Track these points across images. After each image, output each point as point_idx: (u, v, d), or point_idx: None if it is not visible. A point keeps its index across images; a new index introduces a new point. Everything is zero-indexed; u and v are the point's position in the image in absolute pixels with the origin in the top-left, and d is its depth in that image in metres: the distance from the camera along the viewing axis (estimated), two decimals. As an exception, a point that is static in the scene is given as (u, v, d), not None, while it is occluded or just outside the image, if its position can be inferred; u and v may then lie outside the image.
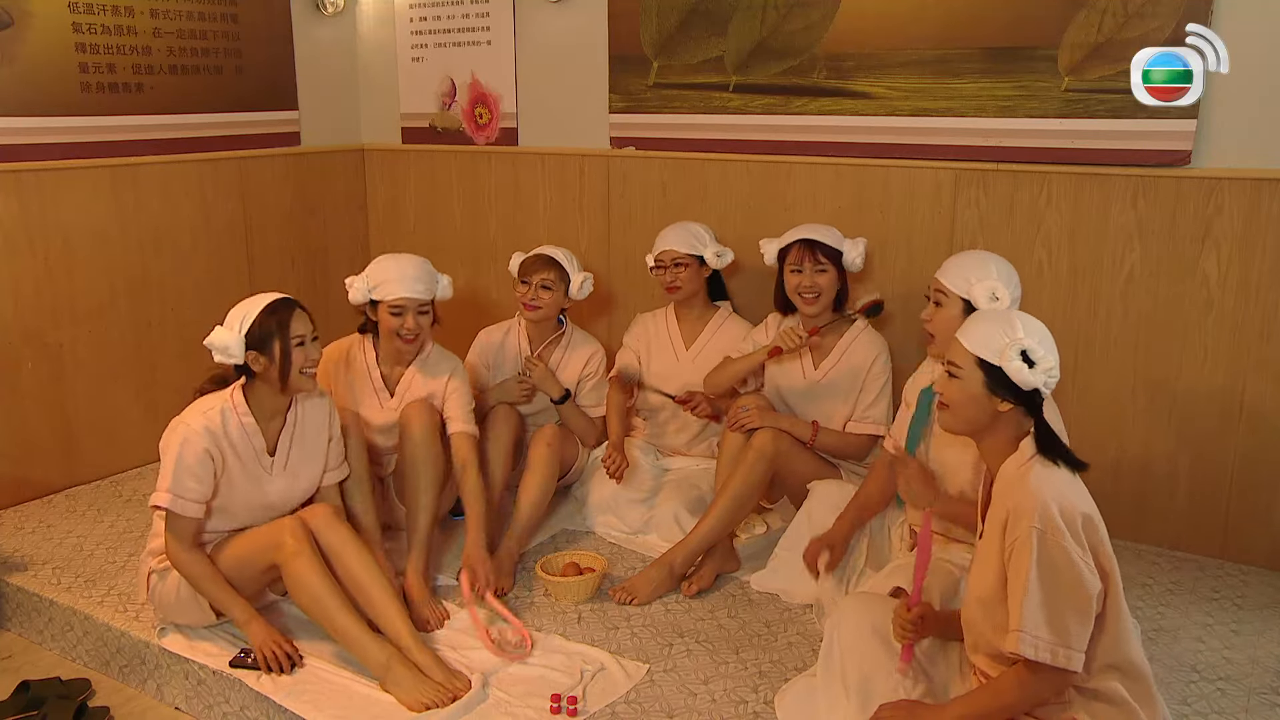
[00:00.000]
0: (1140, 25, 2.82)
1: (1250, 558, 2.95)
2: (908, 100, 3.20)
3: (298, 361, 2.44)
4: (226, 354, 2.41)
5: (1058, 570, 1.74)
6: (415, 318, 2.88)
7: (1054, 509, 1.75)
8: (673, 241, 3.23)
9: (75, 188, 3.45)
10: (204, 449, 2.39)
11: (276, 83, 4.07)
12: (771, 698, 2.29)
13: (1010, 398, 1.88)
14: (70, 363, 3.48)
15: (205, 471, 2.40)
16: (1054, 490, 1.78)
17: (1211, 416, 2.93)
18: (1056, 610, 1.74)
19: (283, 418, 2.55)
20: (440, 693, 2.27)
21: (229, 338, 2.41)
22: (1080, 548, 1.75)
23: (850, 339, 3.00)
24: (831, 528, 2.67)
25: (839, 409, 2.99)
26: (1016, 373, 1.84)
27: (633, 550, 3.05)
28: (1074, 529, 1.75)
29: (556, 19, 3.86)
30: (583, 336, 3.37)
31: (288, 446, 2.56)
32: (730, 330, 3.30)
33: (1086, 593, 1.74)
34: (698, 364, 3.28)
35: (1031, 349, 1.85)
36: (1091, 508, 1.81)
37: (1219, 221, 2.83)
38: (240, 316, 2.44)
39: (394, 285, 2.85)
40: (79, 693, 2.56)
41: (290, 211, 4.16)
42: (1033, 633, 1.74)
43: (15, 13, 3.22)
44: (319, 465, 2.62)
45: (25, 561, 2.98)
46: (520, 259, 3.28)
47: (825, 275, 2.94)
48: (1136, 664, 1.84)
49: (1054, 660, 1.74)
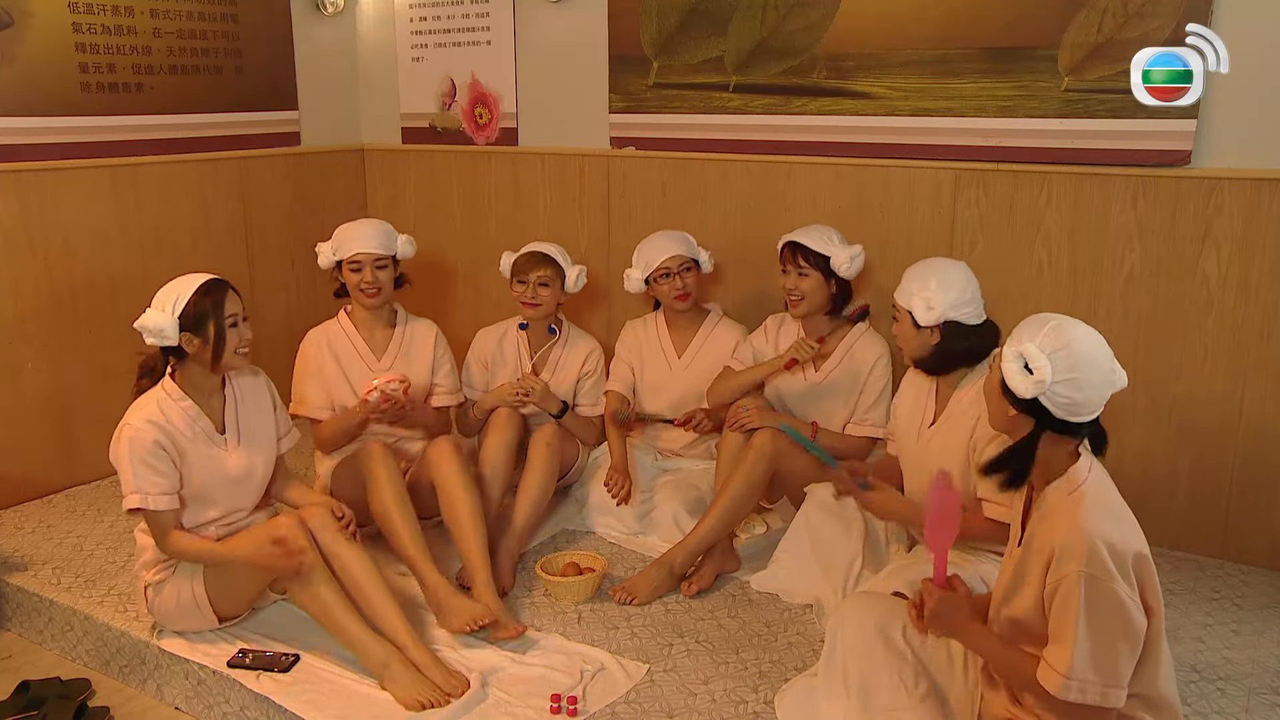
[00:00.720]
0: (1140, 25, 2.82)
1: (1250, 558, 2.95)
2: (908, 100, 3.20)
3: (232, 342, 2.44)
4: (160, 336, 2.38)
5: (1106, 615, 1.70)
6: (373, 271, 3.03)
7: (1103, 552, 1.69)
8: (675, 247, 3.19)
9: (75, 188, 3.45)
10: (153, 440, 2.37)
11: (276, 83, 4.07)
12: (771, 698, 2.29)
13: (1013, 403, 1.82)
14: (70, 363, 3.48)
15: (162, 463, 2.38)
16: (1104, 529, 1.72)
17: (1211, 417, 2.93)
18: (1103, 652, 1.70)
19: (221, 394, 2.54)
20: (437, 693, 2.27)
21: (162, 320, 2.38)
22: (1130, 587, 1.70)
23: (852, 341, 3.00)
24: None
25: (838, 411, 2.99)
26: (1010, 374, 1.79)
27: (633, 550, 3.04)
28: (1124, 569, 1.70)
29: (556, 19, 3.86)
30: (579, 334, 3.37)
31: (235, 420, 2.55)
32: (722, 336, 3.28)
33: (1135, 631, 1.71)
34: (690, 373, 3.27)
35: (1030, 355, 1.76)
36: (1143, 544, 1.75)
37: (1219, 221, 2.83)
38: (172, 298, 2.40)
39: (351, 242, 3.04)
40: (79, 693, 2.56)
41: (290, 211, 4.16)
42: (1080, 678, 1.70)
43: (15, 13, 3.22)
44: (271, 432, 2.62)
45: (25, 561, 2.98)
46: (511, 258, 3.26)
47: (807, 280, 2.93)
48: (1167, 699, 1.82)
49: (1101, 702, 1.71)
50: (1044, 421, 1.80)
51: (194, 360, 2.44)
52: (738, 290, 3.59)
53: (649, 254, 3.21)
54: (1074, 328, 1.81)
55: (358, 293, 3.07)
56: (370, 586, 2.43)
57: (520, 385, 3.07)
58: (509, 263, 3.26)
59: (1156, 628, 1.76)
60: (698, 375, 3.24)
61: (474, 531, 2.70)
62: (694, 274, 3.22)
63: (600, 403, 3.33)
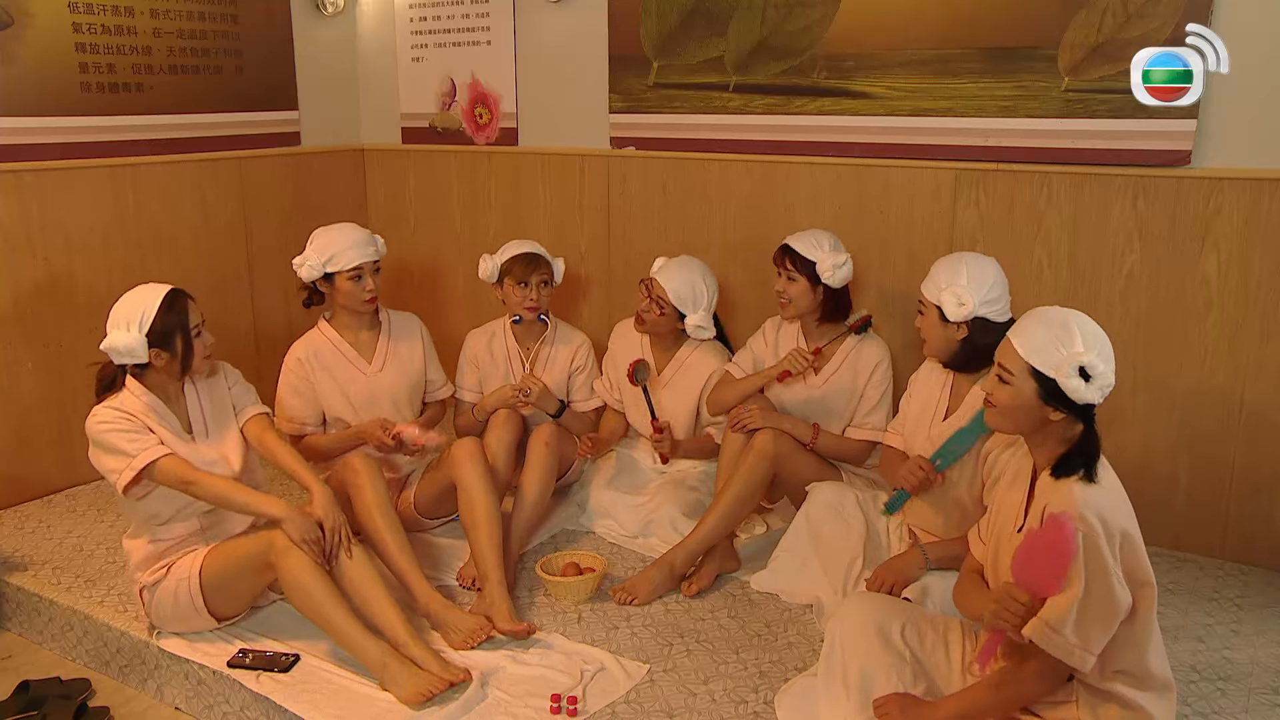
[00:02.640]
0: (1140, 25, 2.82)
1: (1250, 558, 2.95)
2: (908, 100, 3.20)
3: (199, 351, 2.47)
4: (131, 356, 2.39)
5: (1095, 579, 1.72)
6: (373, 278, 3.00)
7: (1093, 518, 1.73)
8: (670, 284, 3.10)
9: (75, 188, 3.45)
10: (123, 416, 2.38)
11: (276, 83, 4.07)
12: (771, 698, 2.29)
13: (1063, 409, 1.84)
14: (70, 363, 3.48)
15: (139, 429, 2.38)
16: (1095, 504, 1.76)
17: (1211, 416, 2.93)
18: (1084, 614, 1.73)
19: (182, 396, 2.54)
20: (437, 681, 2.27)
21: (130, 340, 2.37)
22: (1114, 560, 1.73)
23: (851, 346, 2.99)
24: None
25: (839, 417, 2.98)
26: (1074, 390, 1.81)
27: (633, 551, 3.04)
28: (1111, 542, 1.74)
29: (556, 19, 3.86)
30: (567, 329, 3.37)
31: (201, 417, 2.54)
32: (698, 364, 3.21)
33: (1115, 603, 1.73)
34: (665, 393, 3.24)
35: (1090, 364, 1.80)
36: (1132, 525, 1.79)
37: (1219, 221, 2.83)
38: (135, 316, 2.39)
39: (349, 253, 2.96)
40: (79, 693, 2.56)
41: (290, 211, 4.16)
42: (1057, 629, 1.74)
43: (15, 13, 3.23)
44: (231, 420, 2.60)
45: (25, 561, 2.98)
46: (492, 261, 3.20)
47: (795, 285, 2.92)
48: (1157, 675, 1.83)
49: (1069, 659, 1.74)
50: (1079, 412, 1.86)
51: (162, 371, 2.46)
52: (737, 290, 3.59)
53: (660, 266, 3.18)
54: (1078, 320, 1.87)
55: (356, 302, 3.00)
56: (365, 583, 2.44)
57: (520, 386, 3.07)
58: (493, 267, 3.21)
59: (1149, 599, 1.79)
60: (671, 398, 3.23)
61: (489, 534, 2.70)
62: (665, 315, 3.13)
63: (594, 397, 3.33)
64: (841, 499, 2.78)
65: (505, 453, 3.02)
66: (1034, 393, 1.86)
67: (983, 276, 2.44)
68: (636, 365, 3.11)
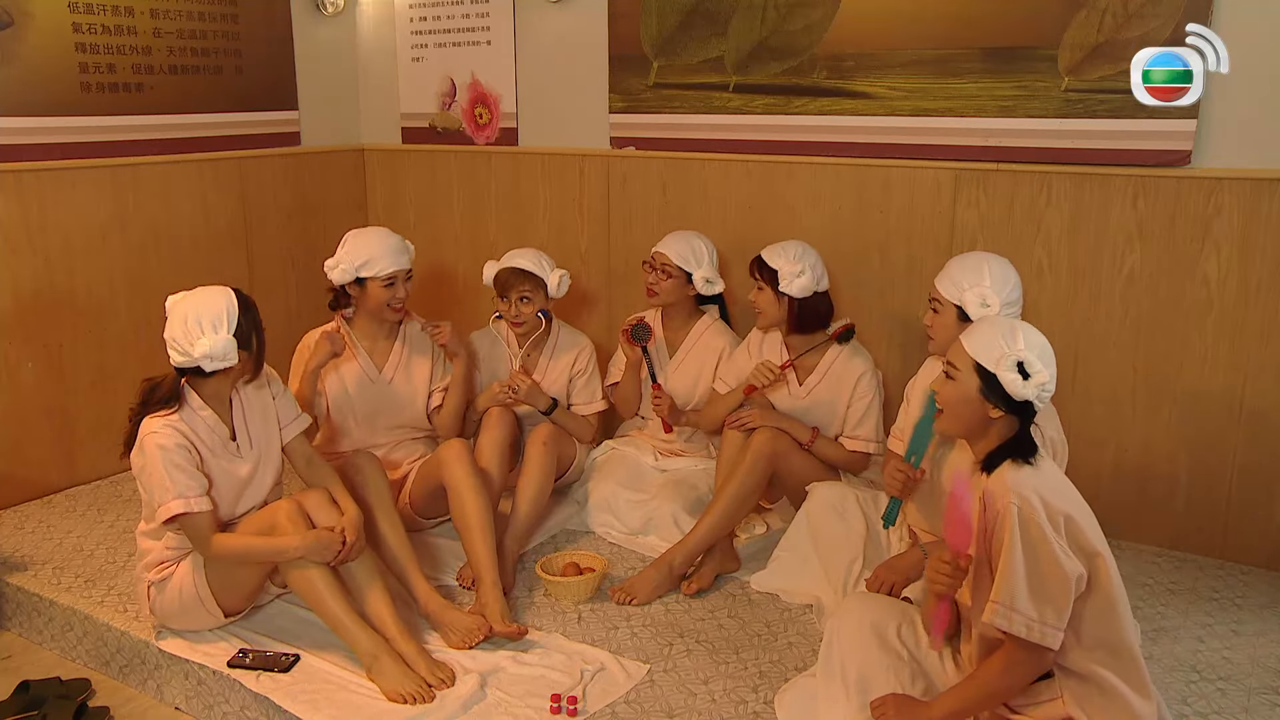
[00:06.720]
0: (1140, 25, 2.82)
1: (1250, 558, 2.95)
2: (908, 100, 3.20)
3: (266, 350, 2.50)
4: (225, 360, 2.37)
5: (1035, 546, 1.78)
6: (405, 285, 3.00)
7: (1028, 492, 1.80)
8: (670, 247, 3.20)
9: (75, 188, 3.44)
10: (178, 445, 2.36)
11: (276, 83, 4.07)
12: (771, 698, 2.29)
13: (1002, 406, 1.92)
14: (70, 363, 3.48)
15: (191, 465, 2.37)
16: (1029, 484, 1.83)
17: (1211, 417, 2.93)
18: (1035, 586, 1.78)
19: (229, 403, 2.53)
20: (421, 687, 2.29)
21: (223, 342, 2.35)
22: (1055, 533, 1.79)
23: (833, 357, 2.98)
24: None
25: (824, 427, 2.98)
26: (1010, 383, 1.89)
27: (632, 550, 3.04)
28: (1054, 521, 1.80)
29: (556, 19, 3.86)
30: (569, 333, 3.36)
31: (244, 424, 2.54)
32: (710, 341, 3.28)
33: (1064, 573, 1.78)
34: (679, 374, 3.29)
35: (1029, 362, 1.89)
36: (1076, 510, 1.85)
37: (1219, 222, 2.83)
38: (219, 318, 2.37)
39: (384, 260, 2.94)
40: (79, 693, 2.56)
41: (290, 211, 4.16)
42: (1009, 605, 1.78)
43: (15, 13, 3.22)
44: (274, 426, 2.60)
45: (25, 561, 2.98)
46: (494, 270, 3.21)
47: (763, 294, 2.94)
48: (1128, 645, 1.86)
49: (1029, 635, 1.78)
50: (1018, 412, 1.93)
51: (225, 375, 2.44)
52: (737, 291, 3.58)
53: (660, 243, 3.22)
54: (1025, 326, 1.96)
55: (384, 308, 2.99)
56: (361, 574, 2.45)
57: (508, 383, 3.07)
58: (491, 275, 3.22)
59: (1102, 568, 1.82)
60: (684, 375, 3.28)
61: (482, 534, 2.70)
62: (672, 280, 3.19)
63: (594, 400, 3.33)
64: (842, 499, 2.78)
65: (498, 453, 3.01)
66: (976, 389, 1.93)
67: (1005, 277, 2.46)
68: (635, 325, 3.15)
